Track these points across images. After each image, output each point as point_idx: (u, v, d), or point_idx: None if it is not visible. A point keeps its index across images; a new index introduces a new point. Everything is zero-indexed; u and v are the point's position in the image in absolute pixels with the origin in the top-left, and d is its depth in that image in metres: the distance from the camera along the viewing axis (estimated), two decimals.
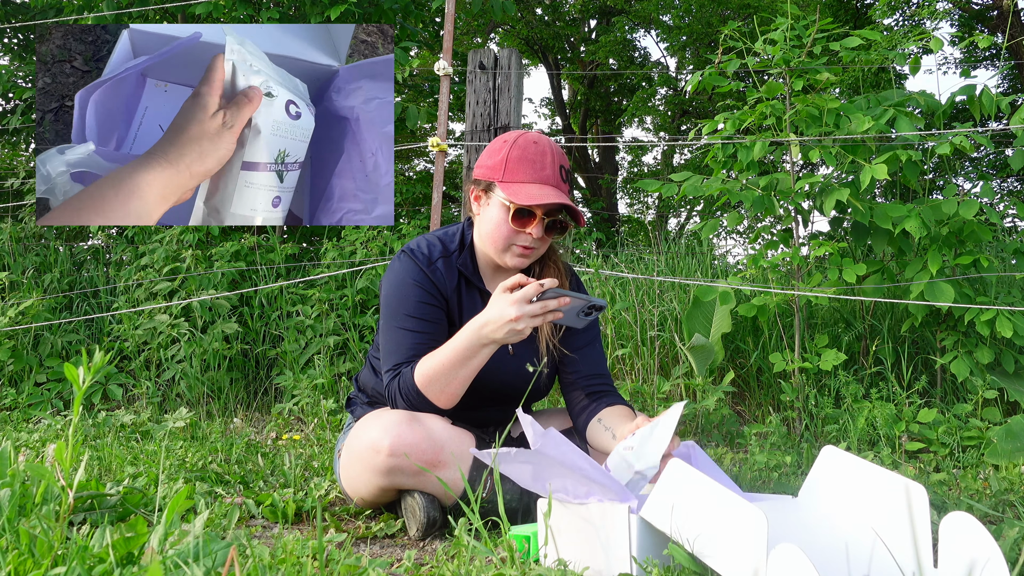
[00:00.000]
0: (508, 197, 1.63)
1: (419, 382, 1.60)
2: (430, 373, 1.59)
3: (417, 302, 1.67)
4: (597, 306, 1.49)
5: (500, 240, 1.67)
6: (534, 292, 1.46)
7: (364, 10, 4.65)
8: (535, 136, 1.69)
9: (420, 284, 1.68)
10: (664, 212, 12.01)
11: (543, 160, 1.66)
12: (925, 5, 8.29)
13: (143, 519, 1.12)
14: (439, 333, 1.67)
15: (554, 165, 1.67)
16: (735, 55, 2.77)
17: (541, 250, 1.71)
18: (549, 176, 1.65)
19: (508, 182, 1.65)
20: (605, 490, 1.30)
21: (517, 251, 1.68)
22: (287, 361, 3.48)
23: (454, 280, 1.72)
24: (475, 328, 1.54)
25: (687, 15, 11.04)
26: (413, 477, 1.61)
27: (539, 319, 1.48)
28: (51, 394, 3.54)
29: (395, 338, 1.67)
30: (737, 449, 2.55)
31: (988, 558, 1.04)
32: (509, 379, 1.75)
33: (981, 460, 2.23)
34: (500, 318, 1.49)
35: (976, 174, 8.66)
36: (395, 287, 1.70)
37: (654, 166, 14.97)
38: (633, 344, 3.05)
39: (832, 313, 3.24)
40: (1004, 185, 8.81)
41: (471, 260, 1.75)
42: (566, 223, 1.70)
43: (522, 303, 1.47)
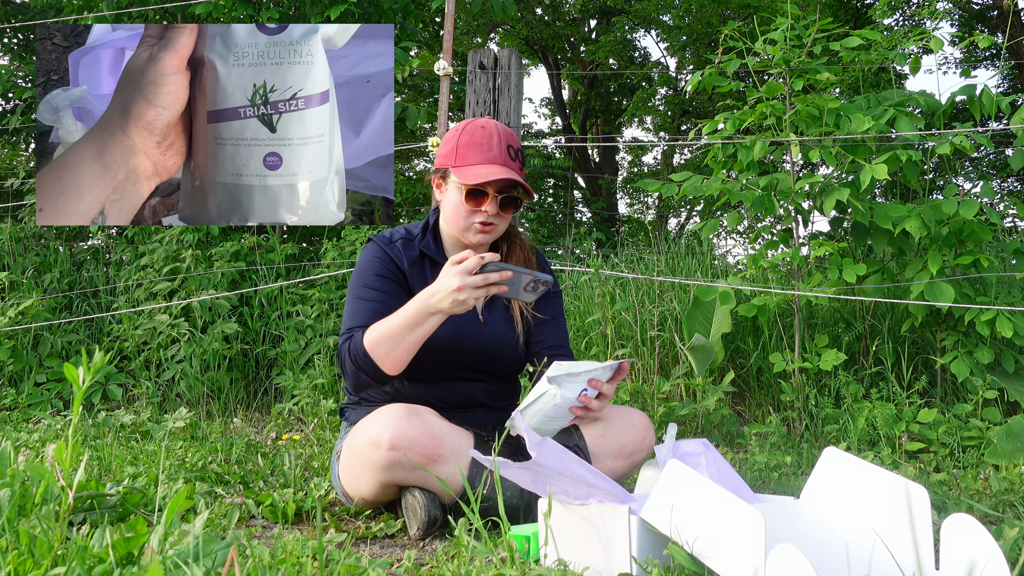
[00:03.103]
0: (460, 180, 1.77)
1: (367, 344, 1.69)
2: (379, 336, 1.68)
3: (374, 275, 1.82)
4: (542, 281, 1.59)
5: (460, 220, 1.81)
6: (475, 265, 1.56)
7: (364, 10, 4.65)
8: (483, 121, 1.84)
9: (379, 259, 1.84)
10: (664, 212, 12.00)
11: (490, 142, 1.79)
12: (925, 5, 8.28)
13: (143, 519, 1.12)
14: (392, 303, 1.78)
15: (501, 146, 1.80)
16: (735, 55, 2.77)
17: (501, 227, 1.85)
18: (497, 156, 1.79)
19: (460, 166, 1.79)
20: (605, 493, 1.30)
21: (477, 228, 1.81)
22: (287, 361, 3.48)
23: (413, 255, 1.87)
24: (424, 297, 1.63)
25: (687, 15, 11.03)
26: (414, 472, 1.62)
27: (482, 291, 1.58)
28: (51, 394, 3.54)
29: (352, 306, 1.81)
30: (737, 449, 2.55)
31: (989, 559, 1.04)
32: (484, 346, 1.84)
33: (981, 460, 2.23)
34: (445, 288, 1.59)
35: (976, 174, 8.66)
36: (358, 266, 1.87)
37: (654, 166, 14.98)
38: (633, 344, 3.05)
39: (832, 313, 3.24)
40: (1004, 185, 8.81)
41: (434, 242, 1.90)
42: (520, 199, 1.84)
43: (464, 275, 1.56)
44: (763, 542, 1.05)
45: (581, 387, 1.60)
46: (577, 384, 1.59)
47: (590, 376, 1.60)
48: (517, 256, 1.95)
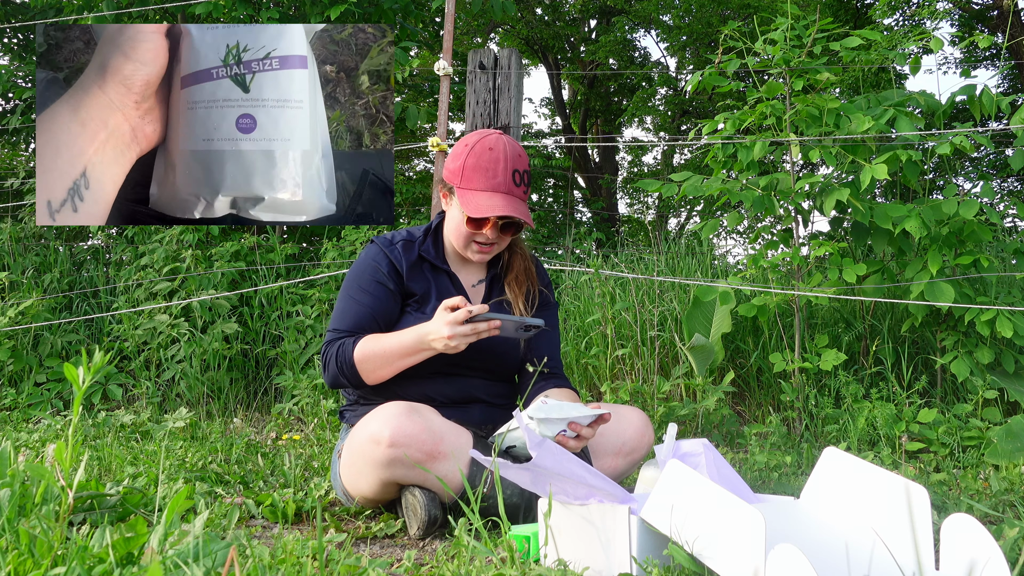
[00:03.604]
0: (461, 206, 1.80)
1: (357, 357, 1.76)
2: (369, 354, 1.75)
3: (369, 278, 1.85)
4: (532, 325, 1.65)
5: (461, 238, 1.87)
6: (464, 316, 1.63)
7: (364, 10, 4.65)
8: (492, 141, 1.83)
9: (376, 262, 1.87)
10: (664, 212, 12.00)
11: (496, 168, 1.80)
12: (925, 5, 8.28)
13: (143, 519, 1.12)
14: (381, 310, 1.84)
15: (507, 172, 1.80)
16: (735, 55, 2.77)
17: (501, 245, 1.90)
18: (501, 184, 1.80)
19: (464, 189, 1.81)
20: (605, 493, 1.30)
21: (475, 248, 1.87)
22: (287, 361, 3.48)
23: (412, 258, 1.89)
24: (421, 333, 1.69)
25: (687, 15, 11.02)
26: (413, 470, 1.62)
27: (472, 337, 1.65)
28: (51, 394, 3.54)
29: (344, 306, 1.86)
30: (737, 449, 2.55)
31: (989, 559, 1.04)
32: (483, 343, 1.83)
33: (981, 460, 2.23)
34: (438, 333, 1.66)
35: (976, 174, 8.66)
36: (357, 264, 1.91)
37: (654, 166, 14.97)
38: (633, 344, 3.05)
39: (832, 313, 3.24)
40: (1004, 185, 8.81)
41: (434, 246, 1.93)
42: (520, 223, 1.87)
43: (454, 325, 1.63)
44: (763, 542, 1.05)
45: (560, 428, 1.61)
46: (556, 426, 1.61)
47: (570, 420, 1.62)
48: (517, 266, 1.97)
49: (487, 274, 1.98)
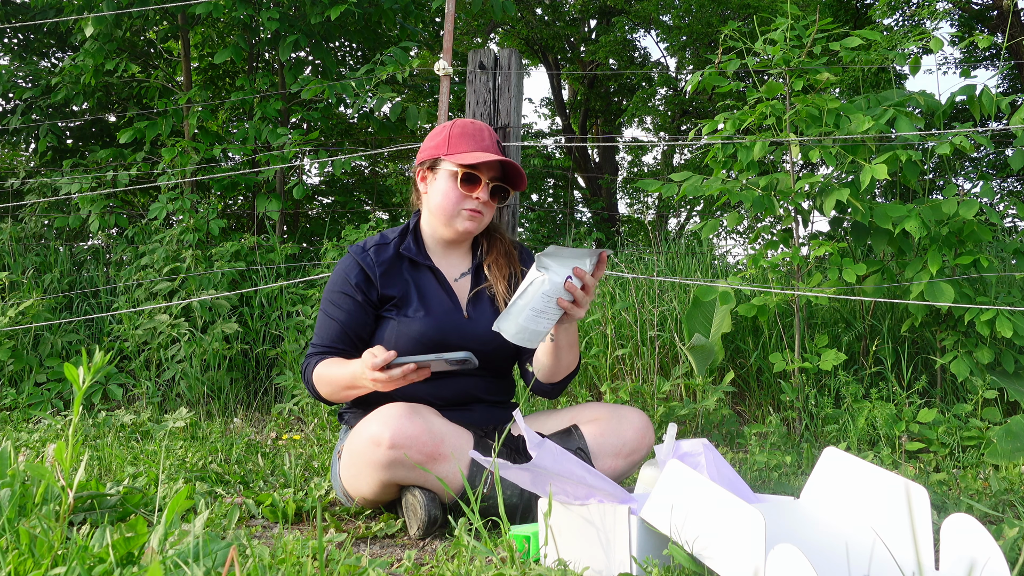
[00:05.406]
0: (455, 162, 1.82)
1: (315, 379, 1.82)
2: (323, 378, 1.80)
3: (338, 291, 1.88)
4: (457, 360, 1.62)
5: (450, 206, 1.85)
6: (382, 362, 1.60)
7: (364, 10, 4.65)
8: (469, 121, 1.91)
9: (346, 273, 1.88)
10: (664, 212, 12.00)
11: (481, 135, 1.87)
12: (925, 5, 8.28)
13: (143, 519, 1.12)
14: (351, 324, 1.86)
15: (492, 139, 1.88)
16: (735, 55, 2.77)
17: (487, 217, 1.89)
18: (489, 146, 1.86)
19: (453, 153, 1.84)
20: (605, 493, 1.30)
21: (466, 215, 1.85)
22: (287, 361, 3.48)
23: (386, 257, 1.89)
24: (358, 371, 1.67)
25: (687, 15, 11.02)
26: (414, 471, 1.62)
27: (400, 382, 1.62)
28: (51, 394, 3.54)
29: (320, 321, 1.90)
30: (737, 449, 2.55)
31: (988, 558, 1.04)
32: (471, 343, 1.83)
33: (981, 460, 2.23)
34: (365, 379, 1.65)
35: (976, 174, 8.66)
36: (331, 276, 1.93)
37: (654, 166, 14.97)
38: (633, 344, 3.05)
39: (832, 313, 3.24)
40: (1004, 185, 8.81)
41: (415, 243, 1.93)
42: (508, 189, 1.89)
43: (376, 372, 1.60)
44: (763, 542, 1.05)
45: (567, 272, 1.58)
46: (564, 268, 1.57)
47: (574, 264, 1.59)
48: (497, 249, 1.98)
49: (470, 265, 1.96)
